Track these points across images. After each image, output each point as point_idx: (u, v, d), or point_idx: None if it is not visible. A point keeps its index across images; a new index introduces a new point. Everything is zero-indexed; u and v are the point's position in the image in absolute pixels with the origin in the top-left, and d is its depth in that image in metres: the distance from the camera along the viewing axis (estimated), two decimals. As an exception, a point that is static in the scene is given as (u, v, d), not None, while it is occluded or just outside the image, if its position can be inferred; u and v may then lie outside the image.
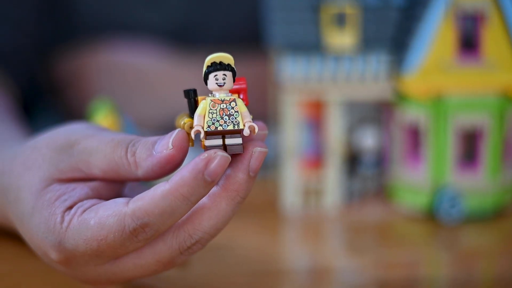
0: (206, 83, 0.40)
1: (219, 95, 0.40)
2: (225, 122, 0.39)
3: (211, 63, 0.40)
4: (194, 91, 0.40)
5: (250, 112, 0.40)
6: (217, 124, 0.39)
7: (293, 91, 0.65)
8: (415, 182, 0.65)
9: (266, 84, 0.77)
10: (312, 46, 0.64)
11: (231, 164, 0.39)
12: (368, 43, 0.65)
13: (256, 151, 0.40)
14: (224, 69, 0.40)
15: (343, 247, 0.62)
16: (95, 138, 0.42)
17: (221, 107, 0.40)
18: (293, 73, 0.64)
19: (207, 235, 0.40)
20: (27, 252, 0.50)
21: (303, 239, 0.64)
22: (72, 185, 0.42)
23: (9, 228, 0.50)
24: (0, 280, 0.51)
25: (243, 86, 0.41)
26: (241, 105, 0.40)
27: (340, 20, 0.64)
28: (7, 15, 0.84)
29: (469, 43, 0.63)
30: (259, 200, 0.69)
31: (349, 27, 0.64)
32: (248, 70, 0.88)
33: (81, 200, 0.41)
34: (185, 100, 0.41)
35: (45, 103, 0.94)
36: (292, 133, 0.65)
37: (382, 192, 0.69)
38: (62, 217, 0.40)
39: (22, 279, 0.51)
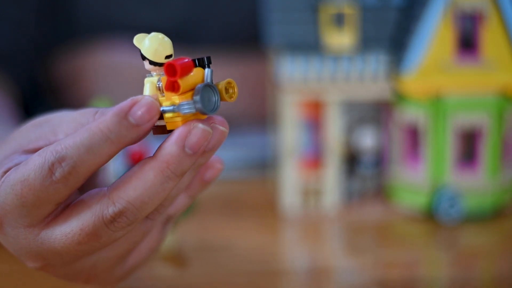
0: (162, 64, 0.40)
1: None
2: None
3: None
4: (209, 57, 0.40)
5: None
6: None
7: (292, 91, 0.65)
8: (414, 182, 0.65)
9: (265, 84, 0.77)
10: (311, 46, 0.64)
11: (169, 136, 0.38)
12: (367, 43, 0.65)
13: (194, 127, 0.38)
14: None
15: (342, 247, 0.62)
16: (68, 112, 0.43)
17: None
18: (292, 73, 0.64)
19: (131, 206, 0.38)
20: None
21: (302, 239, 0.64)
22: (25, 155, 0.41)
23: None
24: (0, 280, 0.51)
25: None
26: (145, 90, 0.40)
27: (339, 20, 0.64)
28: (8, 16, 0.84)
29: (468, 43, 0.63)
30: (258, 200, 0.69)
31: (348, 27, 0.64)
32: (247, 70, 0.89)
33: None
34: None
35: (45, 104, 0.94)
36: (291, 133, 0.65)
37: (381, 192, 0.69)
38: (2, 176, 0.40)
39: (22, 279, 0.51)
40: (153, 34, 0.39)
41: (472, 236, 0.62)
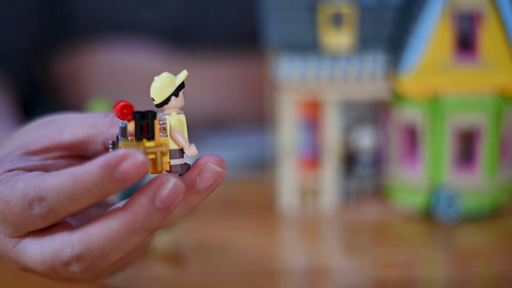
0: (166, 103, 0.38)
1: (173, 112, 0.39)
2: None
3: (183, 81, 0.39)
4: (155, 113, 0.37)
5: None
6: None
7: (289, 91, 0.65)
8: (412, 181, 0.65)
9: (263, 84, 0.77)
10: (309, 46, 0.64)
11: (142, 187, 0.36)
12: (364, 43, 0.65)
13: (166, 180, 0.36)
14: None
15: (340, 247, 0.62)
16: (75, 114, 0.42)
17: None
18: (290, 73, 0.64)
19: (90, 253, 0.37)
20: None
21: (300, 239, 0.64)
22: (28, 157, 0.41)
23: None
24: (0, 281, 0.51)
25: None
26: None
27: (337, 20, 0.64)
28: (8, 16, 0.84)
29: (466, 43, 0.63)
30: (256, 200, 0.69)
31: (346, 27, 0.64)
32: (245, 70, 0.89)
33: (25, 169, 0.40)
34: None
35: (44, 103, 0.94)
36: (289, 133, 0.65)
37: (379, 192, 0.69)
38: (1, 174, 0.40)
39: (22, 280, 0.51)
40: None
41: (470, 236, 0.62)
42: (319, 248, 0.62)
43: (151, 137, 0.37)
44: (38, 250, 0.39)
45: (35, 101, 0.92)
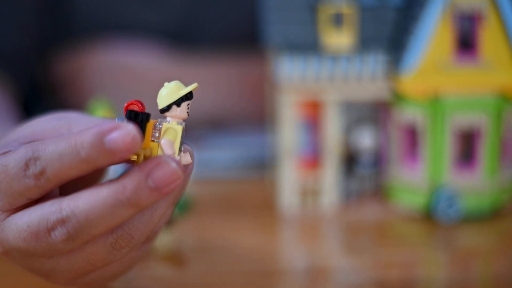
0: (166, 110, 0.39)
1: (174, 121, 0.39)
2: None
3: (189, 92, 0.39)
4: (148, 115, 0.38)
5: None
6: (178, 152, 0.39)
7: (290, 91, 0.65)
8: (412, 182, 0.65)
9: (263, 84, 0.77)
10: (309, 46, 0.64)
11: (140, 164, 0.37)
12: (365, 43, 0.65)
13: (164, 161, 0.37)
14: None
15: (340, 247, 0.62)
16: (88, 115, 0.43)
17: None
18: (290, 73, 0.64)
19: (75, 217, 0.37)
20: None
21: (301, 239, 0.64)
22: None
23: None
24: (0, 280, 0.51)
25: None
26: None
27: (338, 20, 0.64)
28: (8, 16, 0.84)
29: (466, 43, 0.63)
30: (256, 200, 0.69)
31: (346, 27, 0.64)
32: (246, 70, 0.89)
33: None
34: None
35: (44, 103, 0.94)
36: (289, 133, 0.65)
37: (380, 192, 0.69)
38: None
39: (21, 279, 0.51)
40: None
41: (470, 236, 0.62)
42: (319, 248, 0.61)
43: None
44: (25, 217, 0.39)
45: (35, 101, 0.92)
